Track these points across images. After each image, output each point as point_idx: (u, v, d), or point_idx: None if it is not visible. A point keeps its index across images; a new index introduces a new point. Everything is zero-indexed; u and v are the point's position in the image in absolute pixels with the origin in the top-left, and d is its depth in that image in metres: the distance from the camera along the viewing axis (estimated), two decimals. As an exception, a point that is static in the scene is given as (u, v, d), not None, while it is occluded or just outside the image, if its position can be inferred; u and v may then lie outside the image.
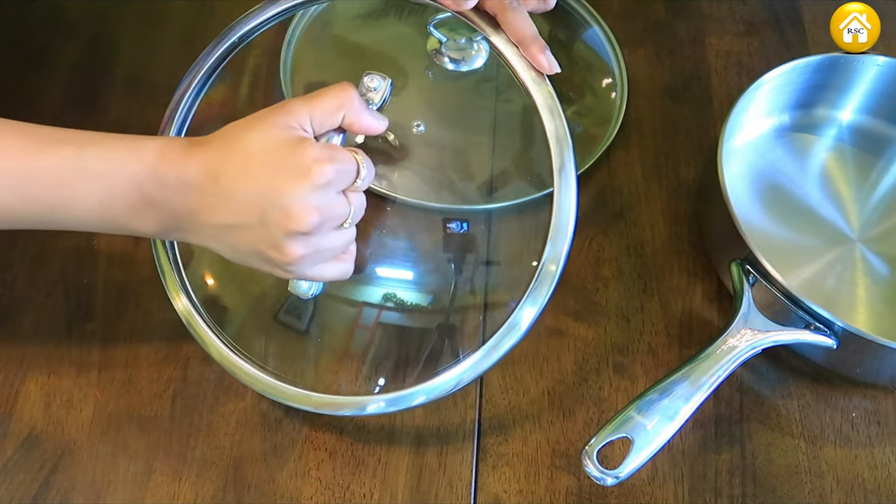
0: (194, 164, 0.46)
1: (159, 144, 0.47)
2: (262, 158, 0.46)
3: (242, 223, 0.47)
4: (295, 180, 0.46)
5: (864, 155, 0.70)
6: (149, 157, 0.46)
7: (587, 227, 0.66)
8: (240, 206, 0.46)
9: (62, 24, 0.75)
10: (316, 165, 0.46)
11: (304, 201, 0.46)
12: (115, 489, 0.55)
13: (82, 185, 0.46)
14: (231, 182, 0.46)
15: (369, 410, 0.54)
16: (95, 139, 0.47)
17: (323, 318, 0.61)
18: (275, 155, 0.46)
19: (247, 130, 0.47)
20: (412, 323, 0.61)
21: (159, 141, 0.48)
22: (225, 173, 0.46)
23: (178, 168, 0.46)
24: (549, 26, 0.78)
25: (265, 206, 0.46)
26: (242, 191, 0.46)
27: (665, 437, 0.51)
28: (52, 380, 0.58)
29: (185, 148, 0.47)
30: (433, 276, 0.63)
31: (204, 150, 0.47)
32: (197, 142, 0.48)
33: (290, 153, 0.46)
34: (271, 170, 0.46)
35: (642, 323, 0.62)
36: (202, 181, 0.46)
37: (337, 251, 0.50)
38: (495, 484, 0.56)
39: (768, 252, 0.56)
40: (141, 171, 0.46)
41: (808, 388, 0.60)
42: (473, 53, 0.73)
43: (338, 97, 0.49)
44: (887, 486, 0.57)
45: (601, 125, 0.71)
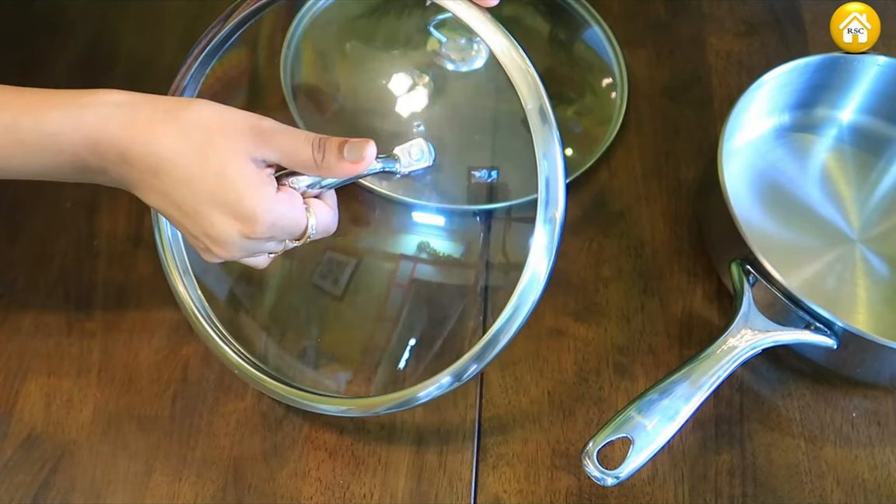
0: (137, 145, 0.44)
1: (102, 113, 0.44)
2: (210, 181, 0.44)
3: (172, 216, 0.46)
4: (231, 222, 0.45)
5: (864, 155, 0.70)
6: (88, 129, 0.44)
7: (587, 227, 0.66)
8: (172, 205, 0.45)
9: (62, 24, 0.75)
10: (257, 222, 0.45)
11: (231, 242, 0.45)
12: (115, 489, 0.55)
13: (22, 156, 0.45)
14: (170, 184, 0.44)
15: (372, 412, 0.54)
16: (33, 107, 0.44)
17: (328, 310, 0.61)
18: (224, 186, 0.44)
19: (209, 141, 0.44)
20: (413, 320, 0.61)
21: (103, 107, 0.44)
22: (167, 173, 0.44)
23: (121, 146, 0.44)
24: (549, 26, 0.78)
25: (196, 223, 0.45)
26: (180, 197, 0.45)
27: (665, 438, 0.51)
28: (52, 380, 0.58)
29: (130, 120, 0.44)
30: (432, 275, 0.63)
31: (152, 131, 0.44)
32: (147, 114, 0.45)
33: (240, 193, 0.44)
34: (214, 198, 0.44)
35: (642, 323, 0.62)
36: (141, 167, 0.44)
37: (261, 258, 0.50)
38: (495, 484, 0.56)
39: (768, 252, 0.56)
40: (80, 144, 0.44)
41: (808, 388, 0.60)
42: (473, 53, 0.73)
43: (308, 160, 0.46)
44: (887, 486, 0.57)
45: (601, 125, 0.71)
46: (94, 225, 0.64)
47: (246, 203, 0.44)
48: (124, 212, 0.65)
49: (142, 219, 0.64)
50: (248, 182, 0.45)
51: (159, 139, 0.44)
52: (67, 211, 0.64)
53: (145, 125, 0.44)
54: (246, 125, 0.45)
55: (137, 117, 0.44)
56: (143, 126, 0.44)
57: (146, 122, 0.44)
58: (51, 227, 0.64)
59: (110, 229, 0.64)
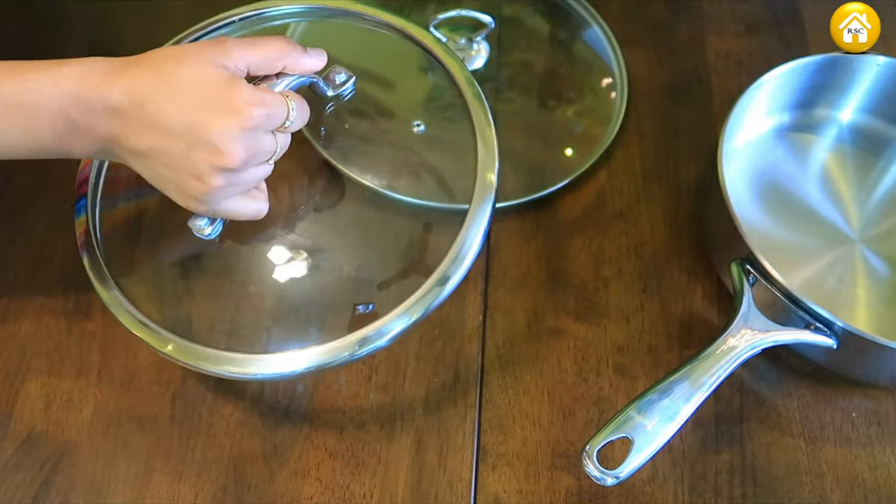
0: (118, 89, 0.46)
1: (79, 69, 0.47)
2: (191, 91, 0.46)
3: (166, 149, 0.47)
4: (224, 118, 0.46)
5: (864, 155, 0.70)
6: (68, 83, 0.46)
7: (587, 227, 0.66)
8: (164, 133, 0.47)
9: (62, 24, 0.75)
10: (246, 106, 0.47)
11: (232, 139, 0.47)
12: (115, 489, 0.55)
13: (4, 119, 0.47)
14: (156, 110, 0.46)
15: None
16: (12, 70, 0.47)
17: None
18: (205, 90, 0.47)
19: (178, 61, 0.47)
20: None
21: (79, 65, 0.47)
22: (151, 100, 0.46)
23: (101, 91, 0.46)
24: (549, 26, 0.78)
25: (191, 139, 0.47)
26: (168, 119, 0.46)
27: (665, 438, 0.51)
28: (52, 380, 0.58)
29: (107, 72, 0.47)
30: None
31: (128, 74, 0.47)
32: (120, 65, 0.47)
33: (222, 91, 0.47)
34: (200, 104, 0.46)
35: (642, 323, 0.62)
36: (126, 105, 0.46)
37: (251, 185, 0.51)
38: (495, 484, 0.56)
39: (768, 252, 0.56)
40: (62, 97, 0.46)
41: (808, 388, 0.60)
42: (473, 54, 0.73)
43: (279, 48, 0.50)
44: (887, 486, 0.57)
45: (601, 125, 0.71)
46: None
47: (233, 94, 0.47)
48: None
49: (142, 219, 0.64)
50: (228, 79, 0.47)
51: (136, 75, 0.47)
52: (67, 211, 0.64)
53: (121, 70, 0.47)
54: (206, 42, 0.49)
55: (113, 66, 0.47)
56: (119, 71, 0.47)
57: (121, 67, 0.47)
58: (51, 227, 0.64)
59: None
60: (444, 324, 0.61)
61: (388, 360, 0.60)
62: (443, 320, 0.61)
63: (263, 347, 0.52)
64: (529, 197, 0.66)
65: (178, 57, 0.47)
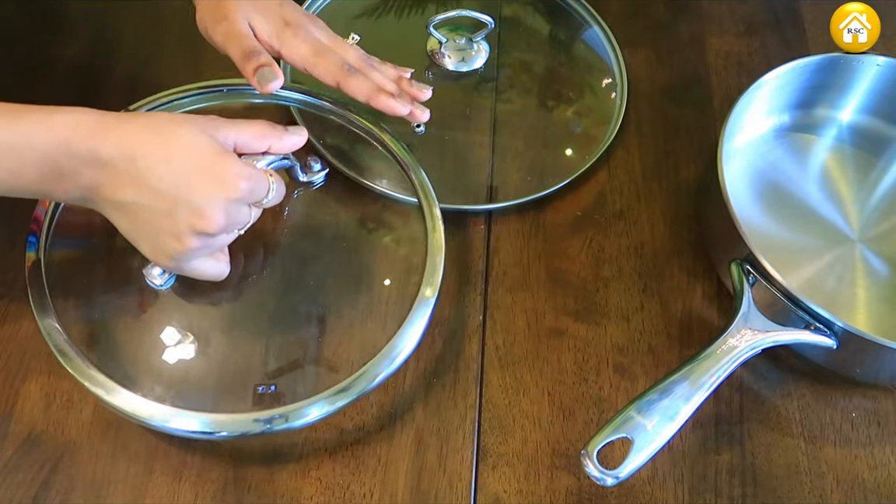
0: (110, 141, 0.48)
1: (73, 118, 0.48)
2: (186, 154, 0.49)
3: (149, 205, 0.49)
4: (213, 185, 0.49)
5: (864, 155, 0.70)
6: (61, 130, 0.48)
7: (587, 227, 0.66)
8: (150, 190, 0.48)
9: (62, 24, 0.75)
10: (235, 179, 0.50)
11: (216, 206, 0.49)
12: (115, 489, 0.55)
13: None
14: (148, 166, 0.48)
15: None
16: (7, 112, 0.48)
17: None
18: (199, 156, 0.49)
19: (176, 125, 0.50)
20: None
21: (74, 114, 0.48)
22: (143, 156, 0.48)
23: (93, 142, 0.48)
24: (549, 26, 0.78)
25: (177, 199, 0.48)
26: (158, 177, 0.48)
27: (665, 438, 0.51)
28: (52, 380, 0.58)
29: (100, 123, 0.48)
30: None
31: (123, 129, 0.48)
32: (114, 119, 0.49)
33: (214, 160, 0.49)
34: (193, 168, 0.49)
35: (642, 323, 0.62)
36: (116, 158, 0.48)
37: (219, 249, 0.55)
38: (495, 484, 0.56)
39: (768, 252, 0.56)
40: (53, 143, 0.47)
41: (808, 388, 0.60)
42: (473, 54, 0.73)
43: (263, 129, 0.53)
44: (887, 486, 0.57)
45: (601, 125, 0.71)
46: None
47: (224, 165, 0.49)
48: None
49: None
50: (220, 150, 0.50)
51: (130, 131, 0.49)
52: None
53: (114, 123, 0.49)
54: (200, 117, 0.51)
55: (106, 119, 0.49)
56: (113, 124, 0.49)
57: (115, 121, 0.49)
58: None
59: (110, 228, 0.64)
60: (444, 324, 0.61)
61: (388, 360, 0.60)
62: (443, 320, 0.61)
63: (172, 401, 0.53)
64: (529, 197, 0.66)
65: (174, 120, 0.50)
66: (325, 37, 0.62)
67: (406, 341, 0.55)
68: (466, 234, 0.65)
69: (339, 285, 0.61)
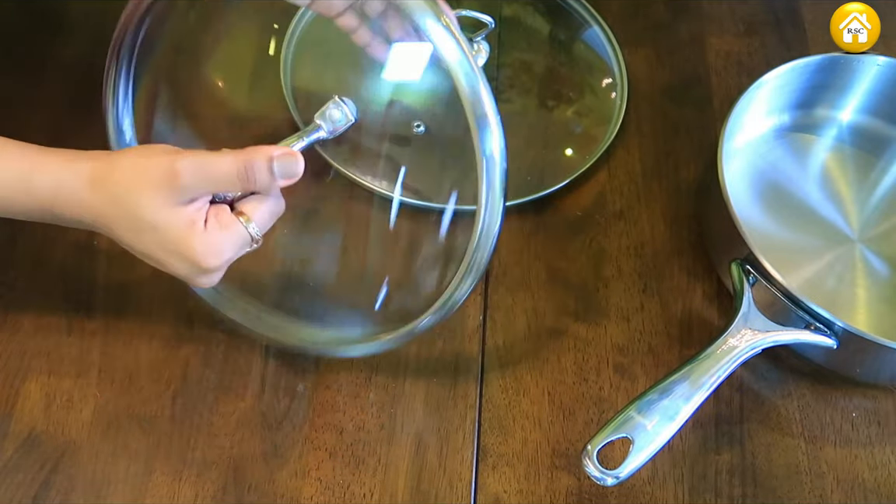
0: (87, 214, 0.48)
1: (52, 186, 0.47)
2: (149, 234, 0.47)
3: (147, 259, 0.49)
4: (186, 265, 0.48)
5: (864, 155, 0.70)
6: (43, 199, 0.48)
7: (587, 227, 0.66)
8: (139, 252, 0.49)
9: (62, 24, 0.75)
10: (206, 260, 0.47)
11: (197, 277, 0.49)
12: (115, 489, 0.55)
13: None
14: (124, 238, 0.48)
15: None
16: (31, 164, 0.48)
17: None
18: (163, 237, 0.47)
19: (137, 198, 0.46)
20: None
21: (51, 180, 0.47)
22: (117, 228, 0.47)
23: (74, 212, 0.48)
24: (549, 26, 0.78)
25: (163, 265, 0.48)
26: (137, 249, 0.48)
27: (665, 438, 0.51)
28: (52, 380, 0.58)
29: (75, 194, 0.47)
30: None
31: (93, 199, 0.47)
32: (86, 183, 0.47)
33: (178, 240, 0.47)
34: (162, 247, 0.47)
35: (642, 323, 0.62)
36: (98, 226, 0.48)
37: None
38: (495, 484, 0.56)
39: (768, 252, 0.56)
40: (37, 207, 0.48)
41: (808, 388, 0.60)
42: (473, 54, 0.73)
43: (234, 172, 0.46)
44: (887, 486, 0.57)
45: (601, 125, 0.71)
46: (94, 225, 0.64)
47: (186, 249, 0.47)
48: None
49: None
50: (180, 227, 0.46)
51: (99, 203, 0.47)
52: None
53: (87, 194, 0.47)
54: (161, 175, 0.46)
55: (80, 187, 0.47)
56: (86, 196, 0.47)
57: (88, 190, 0.47)
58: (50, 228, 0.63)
59: (110, 229, 0.64)
60: (444, 324, 0.61)
61: (388, 360, 0.60)
62: (443, 320, 0.61)
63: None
64: (529, 197, 0.66)
65: (135, 196, 0.46)
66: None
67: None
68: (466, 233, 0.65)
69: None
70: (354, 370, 0.59)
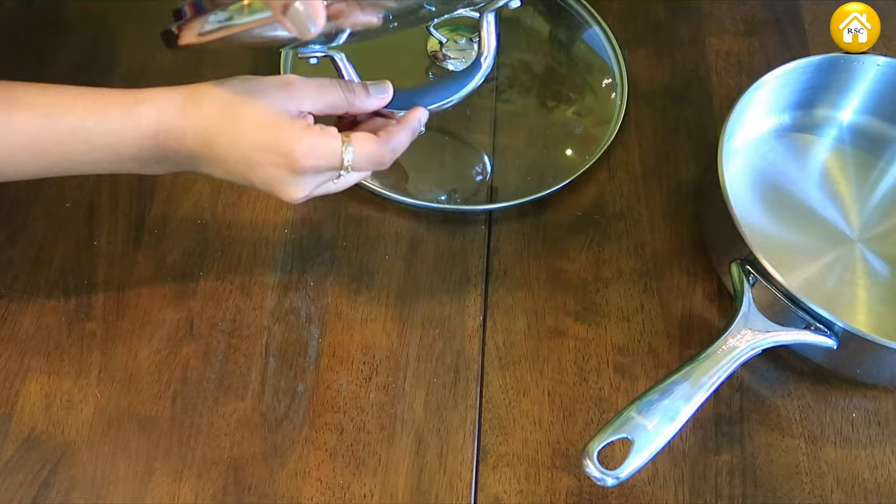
0: (190, 130, 0.49)
1: (156, 107, 0.49)
2: (251, 135, 0.49)
3: (236, 177, 0.50)
4: (277, 168, 0.49)
5: (864, 155, 0.70)
6: (147, 125, 0.49)
7: (587, 227, 0.66)
8: (233, 170, 0.50)
9: (62, 24, 0.75)
10: (299, 158, 0.48)
11: (286, 183, 0.50)
12: (115, 489, 0.55)
13: (89, 154, 0.50)
14: (223, 151, 0.49)
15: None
16: (96, 107, 0.49)
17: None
18: (264, 135, 0.49)
19: (243, 102, 0.49)
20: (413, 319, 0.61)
21: (156, 102, 0.49)
22: (217, 142, 0.49)
23: (177, 135, 0.49)
24: (549, 26, 0.78)
25: (254, 172, 0.49)
26: (234, 161, 0.49)
27: (665, 438, 0.51)
28: (52, 380, 0.58)
29: (180, 109, 0.49)
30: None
31: (199, 113, 0.49)
32: (191, 100, 0.49)
33: (279, 138, 0.48)
34: (259, 151, 0.49)
35: (642, 323, 0.62)
36: (198, 147, 0.49)
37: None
38: (495, 484, 0.56)
39: (768, 252, 0.56)
40: (143, 138, 0.49)
41: (808, 388, 0.60)
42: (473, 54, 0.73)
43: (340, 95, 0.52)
44: (887, 486, 0.57)
45: (601, 125, 0.71)
46: (93, 225, 0.64)
47: (281, 140, 0.48)
48: (124, 212, 0.65)
49: (142, 219, 0.64)
50: (281, 123, 0.49)
51: (205, 115, 0.49)
52: (67, 211, 0.64)
53: (192, 106, 0.49)
54: (273, 84, 0.50)
55: (185, 101, 0.49)
56: (192, 108, 0.49)
57: (192, 102, 0.49)
58: (51, 227, 0.64)
59: (110, 229, 0.64)
60: (444, 324, 0.61)
61: (388, 360, 0.60)
62: (443, 320, 0.61)
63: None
64: (529, 197, 0.66)
65: (245, 97, 0.49)
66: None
67: None
68: (466, 234, 0.65)
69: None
70: (354, 370, 0.59)
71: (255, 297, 0.62)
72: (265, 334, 0.60)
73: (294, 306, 0.61)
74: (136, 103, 0.49)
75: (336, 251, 0.64)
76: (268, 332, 0.60)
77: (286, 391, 0.58)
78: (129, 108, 0.49)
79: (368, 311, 0.62)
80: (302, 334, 0.60)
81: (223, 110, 0.49)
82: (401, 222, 0.65)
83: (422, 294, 0.63)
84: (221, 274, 0.62)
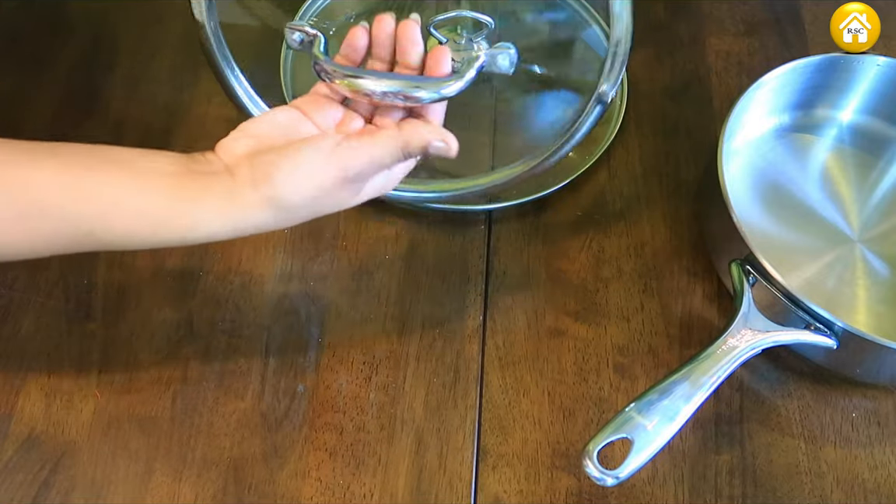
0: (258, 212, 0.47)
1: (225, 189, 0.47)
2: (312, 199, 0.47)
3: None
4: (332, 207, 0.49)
5: (864, 155, 0.70)
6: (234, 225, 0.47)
7: (587, 227, 0.66)
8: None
9: (62, 24, 0.75)
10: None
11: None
12: (115, 489, 0.55)
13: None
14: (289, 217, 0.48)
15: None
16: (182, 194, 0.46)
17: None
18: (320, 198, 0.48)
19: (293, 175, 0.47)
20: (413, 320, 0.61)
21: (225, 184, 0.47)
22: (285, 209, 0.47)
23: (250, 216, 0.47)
24: (549, 26, 0.78)
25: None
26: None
27: (665, 438, 0.51)
28: (52, 380, 0.58)
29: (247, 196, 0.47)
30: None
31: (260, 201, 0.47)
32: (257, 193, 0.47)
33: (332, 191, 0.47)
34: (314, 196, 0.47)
35: (642, 323, 0.62)
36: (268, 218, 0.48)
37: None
38: (495, 484, 0.56)
39: (768, 252, 0.56)
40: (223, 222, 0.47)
41: (808, 388, 0.60)
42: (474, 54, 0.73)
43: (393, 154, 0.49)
44: (887, 486, 0.57)
45: (601, 125, 0.71)
46: (94, 225, 0.64)
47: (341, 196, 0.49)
48: (124, 212, 0.64)
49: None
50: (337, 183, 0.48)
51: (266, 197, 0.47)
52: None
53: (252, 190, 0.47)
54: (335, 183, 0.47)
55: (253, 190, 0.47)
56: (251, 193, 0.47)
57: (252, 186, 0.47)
58: (51, 227, 0.64)
59: (110, 229, 0.64)
60: (443, 324, 0.61)
61: (388, 360, 0.60)
62: (443, 320, 0.61)
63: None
64: (529, 197, 0.66)
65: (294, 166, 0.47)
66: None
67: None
68: (466, 234, 0.65)
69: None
70: (354, 370, 0.59)
71: (255, 298, 0.62)
72: (265, 334, 0.60)
73: (294, 306, 0.61)
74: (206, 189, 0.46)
75: (336, 251, 0.64)
76: (268, 332, 0.60)
77: (286, 391, 0.58)
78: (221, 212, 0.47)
79: (368, 311, 0.62)
80: (302, 334, 0.60)
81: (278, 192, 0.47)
82: (401, 222, 0.65)
83: (422, 294, 0.63)
84: (221, 274, 0.62)
